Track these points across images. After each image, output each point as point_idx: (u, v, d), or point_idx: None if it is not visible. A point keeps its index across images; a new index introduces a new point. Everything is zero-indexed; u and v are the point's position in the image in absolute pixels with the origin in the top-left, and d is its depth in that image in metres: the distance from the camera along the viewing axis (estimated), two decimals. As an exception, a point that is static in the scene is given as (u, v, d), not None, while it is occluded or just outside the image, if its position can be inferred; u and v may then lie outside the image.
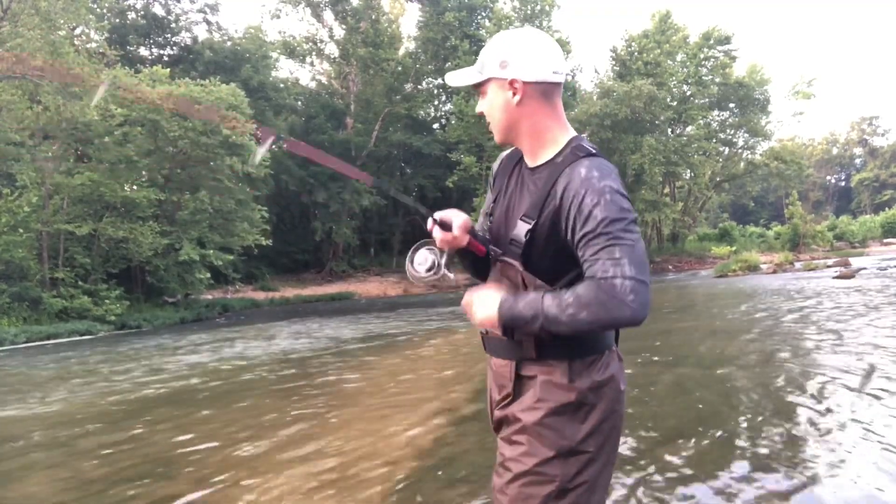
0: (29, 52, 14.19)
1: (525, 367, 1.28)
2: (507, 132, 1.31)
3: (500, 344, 1.32)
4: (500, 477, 1.28)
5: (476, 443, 3.67)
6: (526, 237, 1.24)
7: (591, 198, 1.14)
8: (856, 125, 73.01)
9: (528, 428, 1.24)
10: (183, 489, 3.18)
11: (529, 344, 1.25)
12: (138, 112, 17.96)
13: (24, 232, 15.69)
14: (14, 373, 8.66)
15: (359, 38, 34.26)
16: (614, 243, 1.10)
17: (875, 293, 11.39)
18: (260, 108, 27.77)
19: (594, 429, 1.24)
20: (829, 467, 2.89)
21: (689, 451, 3.27)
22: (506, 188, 1.39)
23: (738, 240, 42.48)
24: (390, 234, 38.61)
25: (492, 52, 1.27)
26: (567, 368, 1.23)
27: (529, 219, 1.25)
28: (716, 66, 37.00)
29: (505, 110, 1.27)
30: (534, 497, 1.21)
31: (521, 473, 1.23)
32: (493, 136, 1.38)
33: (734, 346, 6.80)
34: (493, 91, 1.28)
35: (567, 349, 1.23)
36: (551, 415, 1.23)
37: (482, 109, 1.33)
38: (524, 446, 1.24)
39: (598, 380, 1.24)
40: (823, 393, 4.32)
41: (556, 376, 1.24)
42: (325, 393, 5.76)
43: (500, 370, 1.34)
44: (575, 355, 1.24)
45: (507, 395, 1.31)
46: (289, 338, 11.15)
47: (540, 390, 1.24)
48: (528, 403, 1.25)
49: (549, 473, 1.21)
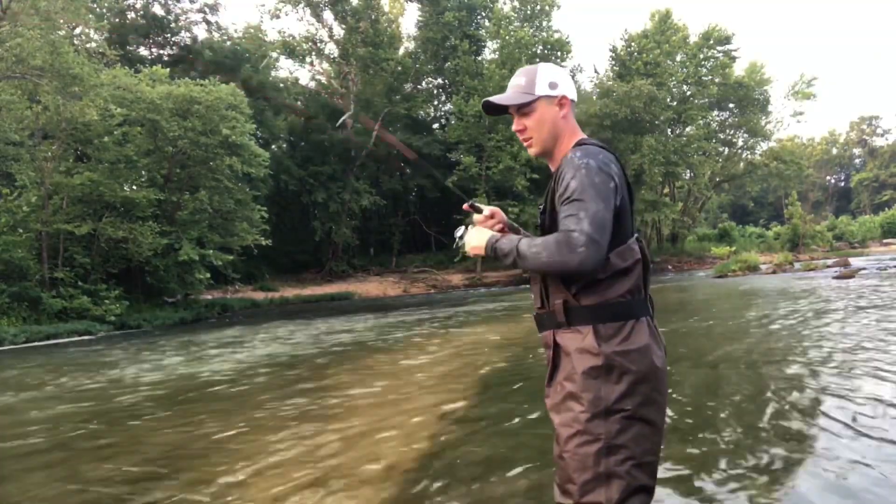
0: (29, 52, 14.18)
1: (559, 334, 1.46)
2: (549, 143, 1.57)
3: (542, 318, 1.53)
4: (557, 444, 1.44)
5: (476, 442, 3.67)
6: (539, 220, 1.57)
7: (570, 173, 1.41)
8: (855, 125, 73.09)
9: (568, 394, 1.41)
10: (183, 489, 3.18)
11: (560, 311, 1.45)
12: (138, 112, 17.95)
13: (23, 232, 15.69)
14: (13, 373, 8.65)
15: (358, 37, 34.26)
16: (581, 207, 1.34)
17: (875, 293, 11.40)
18: (260, 107, 27.77)
19: (629, 390, 1.37)
20: (828, 468, 2.89)
21: (689, 451, 3.27)
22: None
23: (738, 240, 42.50)
24: (390, 234, 38.58)
25: (538, 76, 1.55)
26: (593, 333, 1.40)
27: (542, 206, 1.57)
28: (716, 66, 36.98)
29: (554, 123, 1.55)
30: (587, 456, 1.35)
31: (570, 436, 1.39)
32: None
33: (734, 346, 6.80)
34: (542, 108, 1.55)
35: (592, 314, 1.42)
36: (586, 378, 1.38)
37: (527, 125, 1.56)
38: (569, 412, 1.40)
39: (626, 347, 1.39)
40: (823, 394, 4.32)
41: (586, 342, 1.40)
42: (325, 393, 5.76)
43: (547, 342, 1.52)
44: (598, 320, 1.41)
45: (550, 367, 1.49)
46: (287, 338, 11.14)
47: (574, 358, 1.41)
48: (567, 372, 1.43)
49: (594, 432, 1.36)
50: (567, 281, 1.43)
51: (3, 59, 14.35)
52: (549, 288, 1.49)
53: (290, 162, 32.61)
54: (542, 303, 1.51)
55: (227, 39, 33.06)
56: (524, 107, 1.55)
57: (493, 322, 11.75)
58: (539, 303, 1.53)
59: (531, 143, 1.57)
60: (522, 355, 7.08)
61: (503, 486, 2.93)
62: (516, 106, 1.56)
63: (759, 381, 4.87)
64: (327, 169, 33.40)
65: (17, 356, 10.84)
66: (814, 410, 3.90)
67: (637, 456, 1.35)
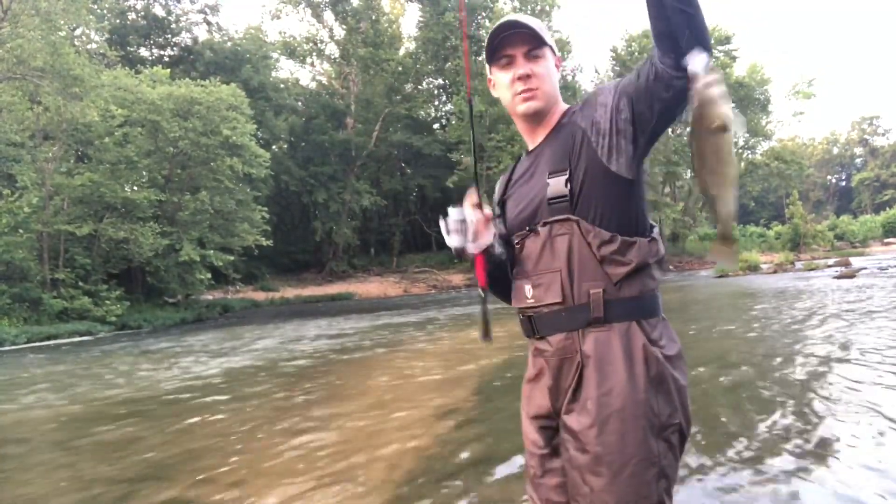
0: (29, 53, 14.20)
1: (590, 335, 1.19)
2: (551, 100, 1.32)
3: (559, 316, 1.23)
4: (597, 477, 1.14)
5: (478, 442, 3.67)
6: (567, 186, 1.22)
7: (607, 86, 1.23)
8: (856, 125, 73.03)
9: (614, 412, 1.14)
10: (183, 489, 3.18)
11: (598, 304, 1.18)
12: (138, 112, 17.97)
13: (24, 233, 15.70)
14: (14, 373, 8.66)
15: (359, 38, 34.29)
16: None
17: (876, 293, 11.38)
18: (260, 108, 27.78)
19: (682, 401, 1.19)
20: (827, 468, 2.89)
21: (689, 451, 3.27)
22: (505, 190, 1.44)
23: (739, 240, 42.43)
24: (390, 234, 38.61)
25: (544, 28, 1.32)
26: (642, 332, 1.18)
27: (561, 172, 1.24)
28: (716, 66, 36.93)
29: (556, 80, 1.34)
30: (642, 484, 1.11)
31: (624, 464, 1.12)
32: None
33: (734, 346, 6.79)
34: (550, 60, 1.32)
35: (636, 308, 1.20)
36: (640, 389, 1.14)
37: (536, 71, 1.29)
38: (616, 433, 1.13)
39: (675, 350, 1.22)
40: (823, 393, 4.31)
41: (635, 343, 1.17)
42: (325, 393, 5.76)
43: (562, 346, 1.22)
44: (642, 315, 1.20)
45: (573, 377, 1.20)
46: (288, 338, 11.14)
47: (619, 365, 1.16)
48: (606, 383, 1.16)
49: (650, 455, 1.13)
50: (611, 263, 1.19)
51: (3, 60, 14.37)
52: (576, 274, 1.21)
53: (291, 162, 32.65)
54: (564, 295, 1.21)
55: (228, 40, 33.10)
56: (539, 48, 1.29)
57: (494, 322, 11.71)
58: (555, 295, 1.22)
59: (534, 95, 1.29)
60: (524, 355, 7.07)
61: (504, 485, 2.92)
62: (533, 45, 1.29)
63: (758, 382, 4.86)
64: (328, 169, 33.43)
65: (17, 357, 10.85)
66: (814, 411, 3.90)
67: (674, 479, 1.17)
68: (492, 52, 1.32)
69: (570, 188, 1.22)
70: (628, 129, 1.18)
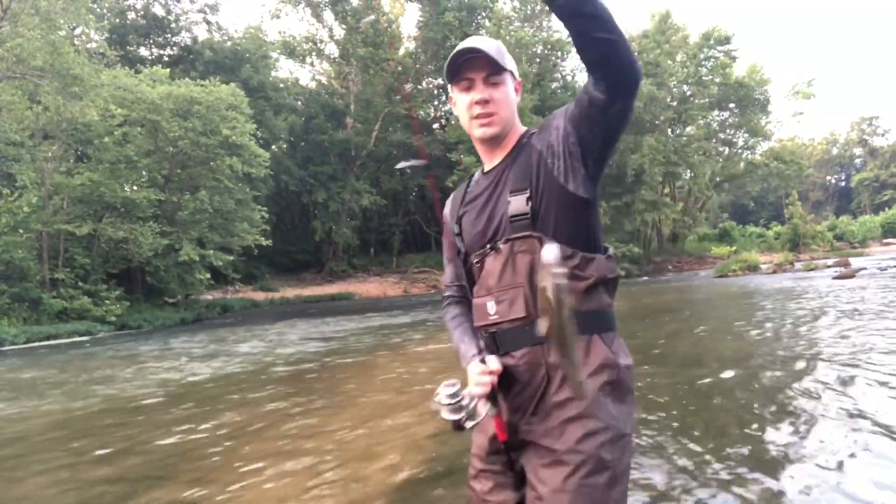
0: (29, 52, 14.19)
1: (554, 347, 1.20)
2: (508, 126, 1.34)
3: (523, 331, 1.24)
4: (541, 482, 1.18)
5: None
6: (528, 205, 1.25)
7: (560, 112, 1.27)
8: (856, 125, 73.07)
9: (571, 418, 1.18)
10: (183, 489, 3.18)
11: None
12: (138, 112, 17.97)
13: (24, 232, 15.70)
14: (14, 373, 8.65)
15: (359, 37, 34.29)
16: None
17: (875, 293, 11.39)
18: (260, 107, 27.79)
19: (632, 410, 1.24)
20: (825, 469, 2.89)
21: (688, 451, 3.27)
22: (462, 208, 1.43)
23: (738, 240, 42.50)
24: (390, 234, 38.61)
25: (505, 53, 1.33)
26: (603, 343, 1.22)
27: (521, 191, 1.27)
28: (716, 66, 36.99)
29: (515, 106, 1.35)
30: (595, 488, 1.14)
31: (577, 466, 1.16)
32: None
33: (734, 346, 6.80)
34: (509, 85, 1.33)
35: (596, 322, 1.23)
36: (599, 396, 1.19)
37: (495, 96, 1.31)
38: (571, 438, 1.17)
39: (629, 361, 1.26)
40: (822, 395, 4.32)
41: (598, 353, 1.21)
42: (325, 393, 5.76)
43: (527, 359, 1.24)
44: (601, 329, 1.24)
45: (537, 390, 1.22)
46: (288, 338, 11.14)
47: (585, 370, 1.19)
48: (566, 391, 1.19)
49: (604, 460, 1.16)
50: (572, 278, 1.20)
51: (3, 60, 14.37)
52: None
53: (291, 162, 32.65)
54: (528, 310, 1.23)
55: (228, 40, 33.11)
56: (498, 74, 1.30)
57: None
58: (519, 310, 1.25)
59: (491, 121, 1.31)
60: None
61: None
62: (493, 70, 1.29)
63: (757, 382, 4.87)
64: (327, 169, 33.43)
65: (17, 357, 10.84)
66: (813, 413, 3.90)
67: (626, 485, 1.21)
68: (453, 73, 1.33)
69: (532, 206, 1.25)
70: (577, 152, 1.23)
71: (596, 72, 1.13)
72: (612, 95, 1.13)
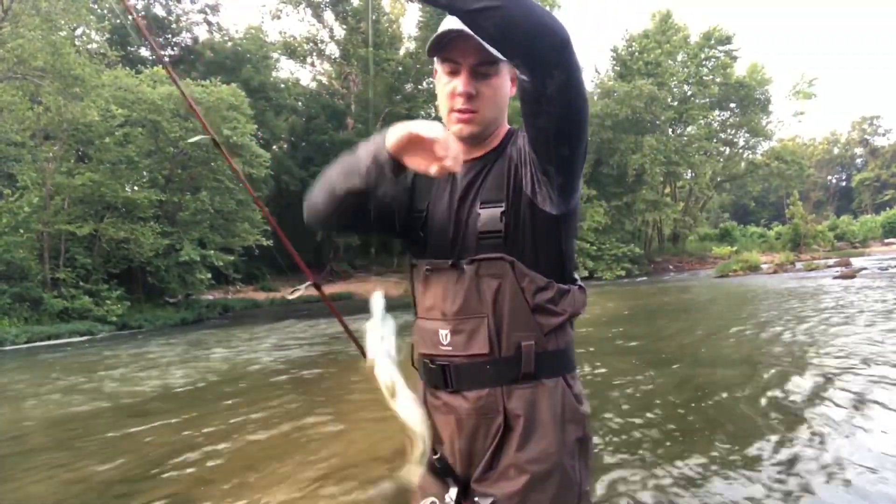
0: (30, 53, 14.21)
1: (516, 393, 1.06)
2: (492, 126, 1.14)
3: (482, 369, 1.08)
4: None
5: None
6: (502, 221, 1.07)
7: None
8: (857, 125, 72.96)
9: (534, 478, 1.03)
10: (183, 489, 3.18)
11: (529, 358, 1.05)
12: (139, 112, 17.99)
13: (24, 232, 15.70)
14: (14, 373, 8.66)
15: (359, 38, 34.29)
16: None
17: (876, 293, 11.38)
18: (260, 108, 27.80)
19: (591, 465, 1.11)
20: (825, 469, 2.89)
21: (689, 451, 3.27)
22: (435, 192, 1.21)
23: (739, 240, 42.50)
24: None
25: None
26: (569, 390, 1.08)
27: (495, 204, 1.08)
28: (716, 65, 36.99)
29: (505, 103, 1.15)
30: None
31: None
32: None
33: (734, 347, 6.79)
34: (503, 77, 1.12)
35: (563, 363, 1.10)
36: (565, 454, 1.04)
37: (482, 91, 1.09)
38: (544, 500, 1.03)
39: (588, 408, 1.12)
40: (823, 394, 4.31)
41: (565, 402, 1.07)
42: (325, 394, 5.76)
43: (482, 403, 1.08)
44: (567, 370, 1.10)
45: (493, 439, 1.07)
46: (288, 339, 11.14)
47: (546, 427, 1.05)
48: (530, 447, 1.04)
49: None
50: (544, 313, 1.06)
51: (4, 60, 14.38)
52: (505, 322, 1.06)
53: (292, 162, 32.64)
54: (491, 345, 1.07)
55: (228, 40, 33.11)
56: (490, 64, 1.08)
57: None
58: (481, 346, 1.07)
59: (472, 119, 1.10)
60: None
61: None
62: (485, 58, 1.07)
63: (757, 382, 4.86)
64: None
65: (18, 357, 10.85)
66: (813, 413, 3.90)
67: None
68: (437, 49, 1.10)
69: (506, 223, 1.06)
70: (535, 157, 1.05)
71: (507, 55, 0.96)
72: (535, 76, 0.92)
